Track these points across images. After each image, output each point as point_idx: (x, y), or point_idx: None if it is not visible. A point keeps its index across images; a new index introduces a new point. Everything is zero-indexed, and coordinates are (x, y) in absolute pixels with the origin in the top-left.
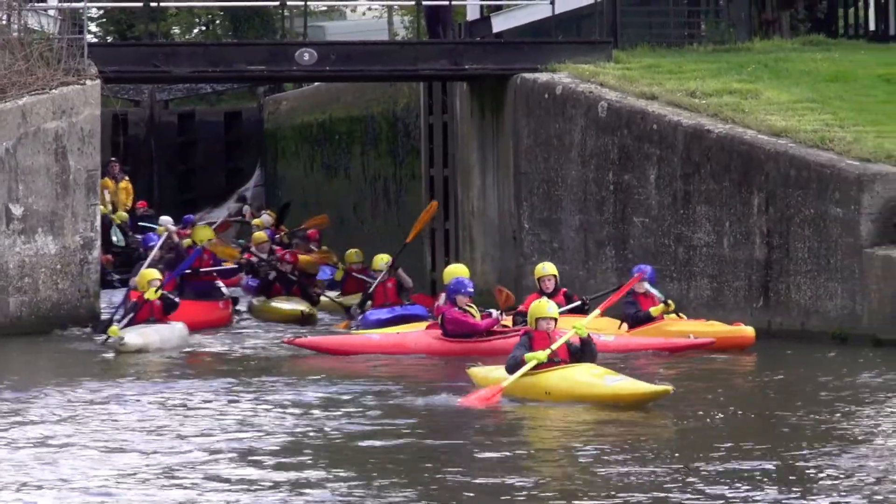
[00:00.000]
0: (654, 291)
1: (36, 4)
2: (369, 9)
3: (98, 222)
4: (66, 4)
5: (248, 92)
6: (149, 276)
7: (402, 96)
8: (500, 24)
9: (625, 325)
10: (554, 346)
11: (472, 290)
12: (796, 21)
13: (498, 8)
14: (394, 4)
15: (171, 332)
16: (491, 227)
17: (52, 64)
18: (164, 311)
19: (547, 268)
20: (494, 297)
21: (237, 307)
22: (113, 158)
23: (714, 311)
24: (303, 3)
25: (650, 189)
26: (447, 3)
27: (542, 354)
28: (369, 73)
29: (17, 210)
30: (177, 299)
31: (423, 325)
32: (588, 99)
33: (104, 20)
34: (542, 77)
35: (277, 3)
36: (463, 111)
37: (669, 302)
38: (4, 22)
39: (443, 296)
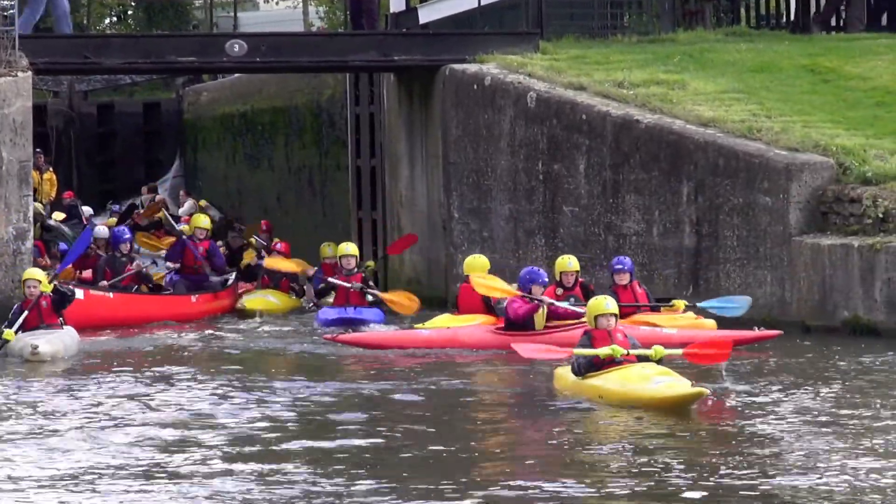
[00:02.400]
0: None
1: None
2: None
3: (31, 213)
4: None
5: (162, 83)
6: (29, 275)
7: (326, 87)
8: (425, 15)
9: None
10: (631, 352)
11: (546, 279)
12: (720, 13)
13: (424, 0)
14: None
15: (71, 339)
16: (420, 216)
17: None
18: (55, 309)
19: (572, 262)
20: None
21: None
22: (38, 150)
23: None
24: None
25: (580, 178)
26: None
27: (618, 349)
28: (299, 64)
29: None
30: (75, 291)
31: (478, 318)
32: (517, 89)
33: (13, 11)
34: (471, 68)
35: None
36: (391, 102)
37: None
38: None
39: (514, 285)
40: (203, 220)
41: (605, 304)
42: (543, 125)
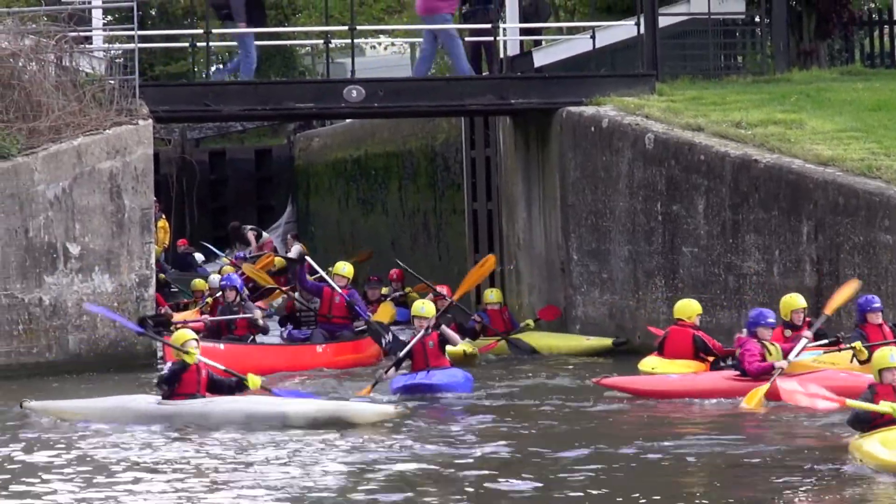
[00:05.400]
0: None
1: (86, 47)
2: (392, 44)
3: (153, 260)
4: (116, 45)
5: (270, 130)
6: (183, 337)
7: (440, 131)
8: (540, 59)
9: None
10: None
11: (773, 320)
12: (834, 51)
13: (538, 43)
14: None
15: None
16: (538, 259)
17: (104, 105)
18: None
19: (801, 300)
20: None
21: None
22: (154, 198)
23: None
24: (349, 39)
25: (699, 219)
26: (490, 38)
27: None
28: (417, 108)
29: (74, 249)
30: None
31: (690, 364)
32: (634, 131)
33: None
34: (588, 110)
35: (321, 41)
36: (507, 145)
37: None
38: (56, 63)
39: (744, 330)
40: (342, 268)
41: (889, 356)
42: (662, 166)
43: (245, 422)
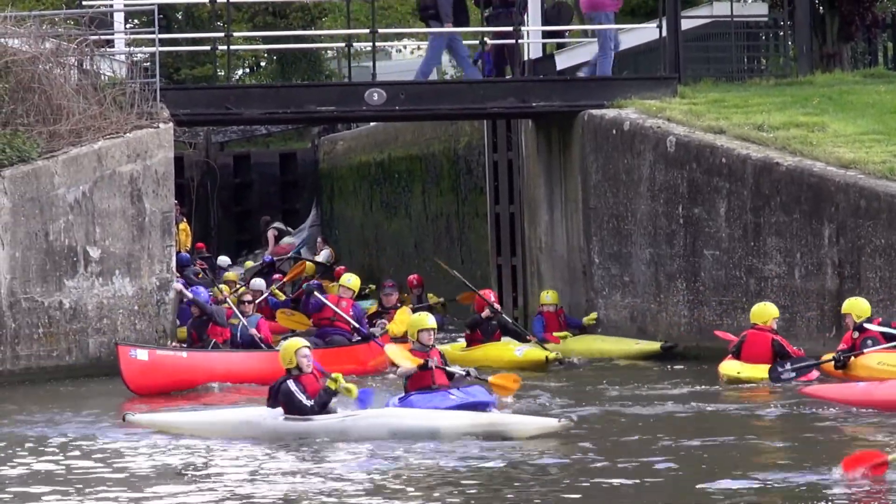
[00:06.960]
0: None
1: (107, 50)
2: (418, 48)
3: (173, 263)
4: (137, 49)
5: (296, 133)
6: (295, 346)
7: (462, 135)
8: (563, 61)
9: None
10: None
11: None
12: (857, 54)
13: (560, 46)
14: None
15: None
16: (560, 262)
17: (125, 108)
18: None
19: (867, 304)
20: None
21: None
22: (175, 201)
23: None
24: (370, 42)
25: (720, 222)
26: (513, 41)
27: None
28: (438, 111)
29: (94, 252)
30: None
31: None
32: (656, 134)
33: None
34: (610, 113)
35: (344, 45)
36: (529, 148)
37: None
38: (77, 67)
39: None
40: (348, 280)
41: None
42: (683, 169)
43: (390, 438)
